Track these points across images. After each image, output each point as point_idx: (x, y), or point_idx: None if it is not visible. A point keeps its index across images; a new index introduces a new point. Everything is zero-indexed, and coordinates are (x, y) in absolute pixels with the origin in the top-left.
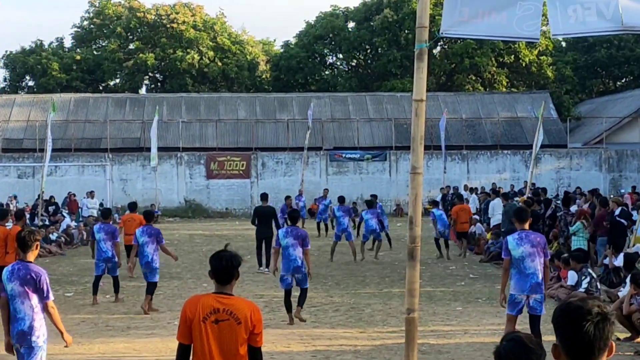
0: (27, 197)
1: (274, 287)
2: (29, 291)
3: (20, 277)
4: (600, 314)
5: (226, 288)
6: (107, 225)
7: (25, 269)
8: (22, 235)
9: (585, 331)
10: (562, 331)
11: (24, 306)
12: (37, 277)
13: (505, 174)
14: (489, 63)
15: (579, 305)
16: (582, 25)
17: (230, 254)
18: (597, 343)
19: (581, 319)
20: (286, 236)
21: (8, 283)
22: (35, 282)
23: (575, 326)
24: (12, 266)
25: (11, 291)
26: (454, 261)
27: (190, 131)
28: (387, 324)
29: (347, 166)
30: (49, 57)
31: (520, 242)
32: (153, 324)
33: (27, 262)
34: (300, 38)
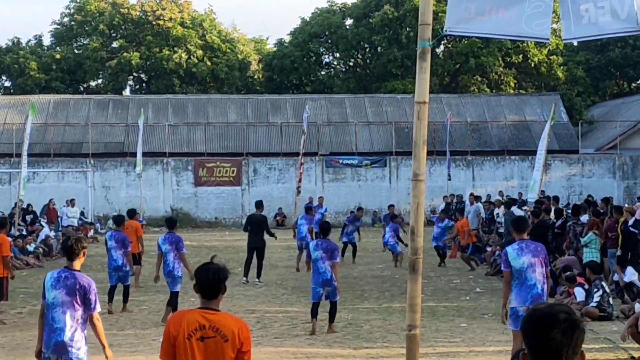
0: (3, 206)
1: (265, 301)
2: (74, 301)
3: (67, 286)
4: (568, 320)
5: (212, 303)
6: (118, 233)
7: (74, 278)
8: (69, 244)
9: (552, 338)
10: (529, 339)
11: (65, 316)
12: (87, 287)
13: (513, 181)
14: (495, 63)
15: (546, 312)
16: (595, 26)
17: (217, 267)
18: (564, 351)
19: (548, 326)
20: (316, 249)
21: (52, 290)
22: (84, 292)
23: (542, 333)
24: (58, 273)
25: (53, 299)
26: (458, 275)
27: (177, 135)
28: (387, 341)
29: (344, 173)
30: (26, 55)
31: (521, 253)
32: (137, 341)
33: (74, 271)
34: (295, 36)
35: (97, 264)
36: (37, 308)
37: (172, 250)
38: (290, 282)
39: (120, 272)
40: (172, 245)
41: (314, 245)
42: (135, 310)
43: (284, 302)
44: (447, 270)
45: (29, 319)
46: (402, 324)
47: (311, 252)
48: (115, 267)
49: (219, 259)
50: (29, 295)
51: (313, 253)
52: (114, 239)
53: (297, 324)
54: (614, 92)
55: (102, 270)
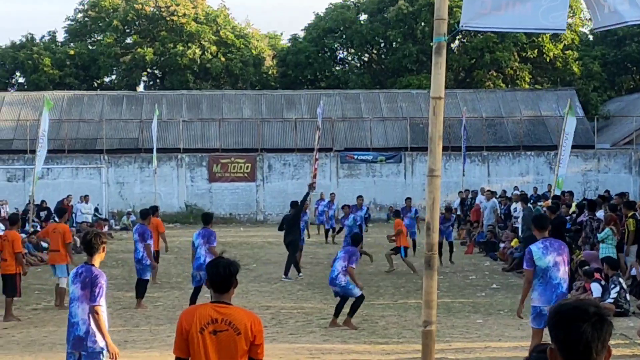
0: (17, 202)
1: (280, 298)
2: (87, 295)
3: (81, 280)
4: (597, 314)
5: (224, 297)
6: (141, 226)
7: (87, 272)
8: (88, 238)
9: (583, 332)
10: (558, 333)
11: (79, 310)
12: (94, 278)
13: (528, 177)
14: (510, 58)
15: (575, 306)
16: (616, 15)
17: (227, 261)
18: (594, 345)
19: (577, 319)
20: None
21: (71, 285)
22: (92, 284)
23: (572, 328)
24: (77, 269)
25: (72, 294)
26: (474, 270)
27: (191, 131)
28: (402, 338)
29: (359, 168)
30: (40, 52)
31: (546, 252)
32: (152, 337)
33: (90, 265)
34: (309, 31)
35: (112, 260)
36: (51, 304)
37: (204, 244)
38: (305, 278)
39: (140, 264)
40: (204, 239)
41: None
42: (150, 306)
43: (299, 299)
44: (463, 267)
45: (44, 316)
46: (417, 320)
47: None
48: (136, 259)
49: (234, 255)
50: (43, 291)
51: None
52: (137, 232)
53: (313, 320)
54: (630, 87)
55: (117, 267)
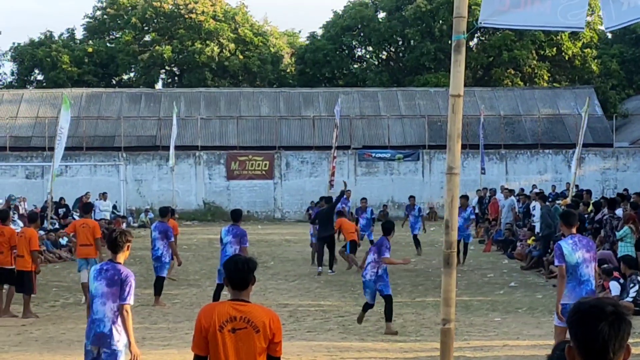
0: (36, 199)
1: (298, 295)
2: (113, 293)
3: (107, 278)
4: (615, 313)
5: (242, 294)
6: (162, 224)
7: (114, 270)
8: (113, 236)
9: (600, 331)
10: (576, 331)
11: (104, 307)
12: (124, 277)
13: (547, 175)
14: (529, 56)
15: (593, 304)
16: (636, 9)
17: (245, 258)
18: (612, 344)
19: (595, 318)
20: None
21: (94, 282)
22: (122, 282)
23: (590, 326)
24: (101, 266)
25: (95, 290)
26: (492, 268)
27: (209, 129)
28: (420, 336)
29: (377, 166)
30: (59, 49)
31: (576, 248)
32: (170, 335)
33: (116, 263)
34: (327, 29)
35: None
36: (70, 302)
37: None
38: (323, 275)
39: (159, 262)
40: (236, 238)
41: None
42: (168, 304)
43: (317, 296)
44: (481, 264)
45: (62, 313)
46: (435, 318)
47: None
48: (155, 257)
49: (252, 252)
50: (61, 288)
51: None
52: (157, 229)
53: (330, 318)
54: None
55: (135, 264)
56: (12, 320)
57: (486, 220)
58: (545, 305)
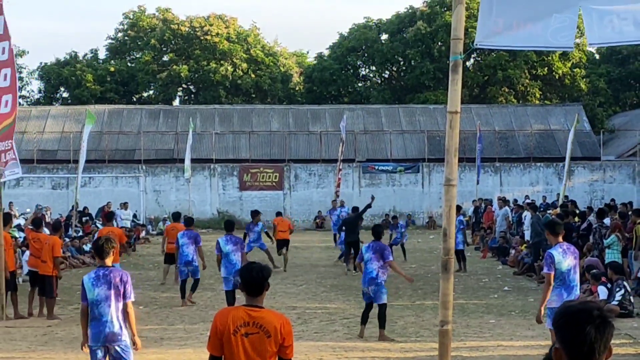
0: (61, 208)
1: (306, 298)
2: (116, 294)
3: (108, 282)
4: (601, 316)
5: (256, 300)
6: (190, 231)
7: (113, 273)
8: (100, 244)
9: (587, 333)
10: (564, 334)
11: (111, 309)
12: (126, 279)
13: (538, 187)
14: (522, 75)
15: (580, 308)
16: (619, 34)
17: (259, 266)
18: (598, 346)
19: (583, 321)
20: (367, 251)
21: (93, 289)
22: (124, 283)
23: (577, 329)
24: (96, 272)
25: (97, 296)
26: (487, 274)
27: (223, 143)
28: (420, 337)
29: (380, 178)
30: (83, 68)
31: (565, 255)
32: (186, 335)
33: (109, 267)
34: (334, 50)
35: (149, 262)
36: None
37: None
38: (329, 280)
39: (190, 266)
40: (236, 246)
41: (366, 248)
42: (184, 306)
43: (323, 299)
44: (477, 270)
45: None
46: (434, 320)
47: (363, 254)
48: (186, 261)
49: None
50: None
51: (365, 254)
52: (186, 236)
53: (336, 320)
54: (633, 103)
55: (153, 269)
56: (39, 321)
57: (482, 228)
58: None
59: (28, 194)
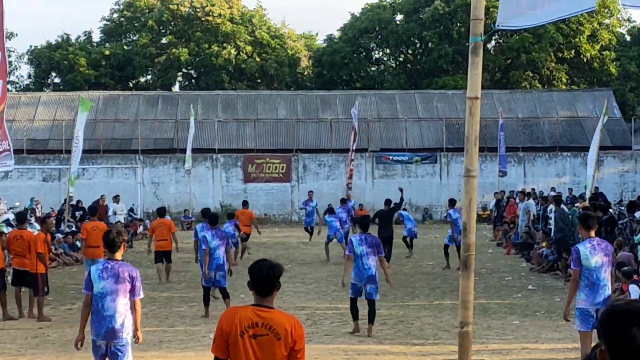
0: (53, 202)
1: (316, 298)
2: (122, 289)
3: (115, 275)
4: None
5: (266, 300)
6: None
7: (121, 267)
8: (111, 237)
9: (632, 336)
10: (608, 334)
11: (114, 304)
12: (135, 275)
13: (565, 178)
14: (547, 58)
15: (626, 309)
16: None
17: (270, 263)
18: None
19: (628, 323)
20: (361, 244)
21: (99, 281)
22: (132, 280)
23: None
24: (104, 265)
25: (102, 289)
26: (510, 271)
27: (226, 131)
28: (438, 339)
29: (394, 169)
30: (76, 52)
31: (593, 252)
32: (187, 338)
33: (118, 261)
34: (345, 32)
35: (146, 260)
36: None
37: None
38: (340, 278)
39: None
40: (222, 240)
41: (358, 241)
42: (184, 306)
43: (334, 299)
44: (499, 267)
45: (79, 315)
46: (453, 321)
47: (355, 247)
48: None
49: (270, 255)
50: (78, 291)
51: (357, 249)
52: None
53: (348, 321)
54: None
55: (152, 267)
56: (29, 322)
57: (504, 223)
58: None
59: (17, 186)
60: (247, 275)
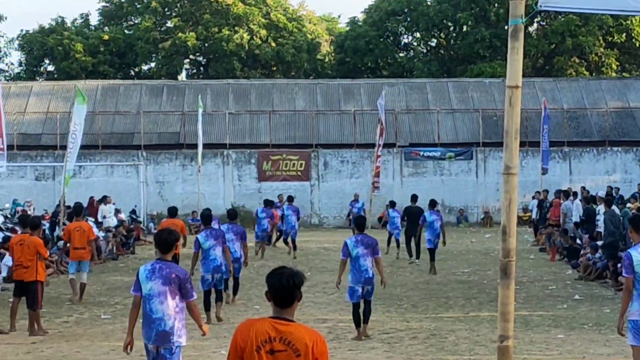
0: (47, 203)
1: (338, 309)
2: (170, 290)
3: (162, 276)
4: None
5: (286, 312)
6: (236, 226)
7: (169, 268)
8: (163, 237)
9: None
10: None
11: (163, 306)
12: (183, 276)
13: (615, 175)
14: (595, 43)
15: None
16: None
17: (291, 271)
18: None
19: None
20: (356, 246)
21: (147, 282)
22: (180, 281)
23: None
24: (152, 265)
25: (150, 290)
26: (554, 280)
27: (238, 125)
28: (474, 354)
29: (425, 166)
30: (71, 37)
31: None
32: (196, 353)
33: (168, 262)
34: (370, 14)
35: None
36: (84, 317)
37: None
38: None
39: (237, 263)
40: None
41: (353, 242)
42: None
43: None
44: (542, 275)
45: (76, 329)
46: (491, 335)
47: (350, 249)
48: (234, 258)
49: (287, 262)
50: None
51: (353, 250)
52: (232, 231)
53: (374, 335)
54: None
55: None
56: (21, 337)
57: (548, 225)
58: (614, 321)
59: (7, 185)
60: (262, 284)
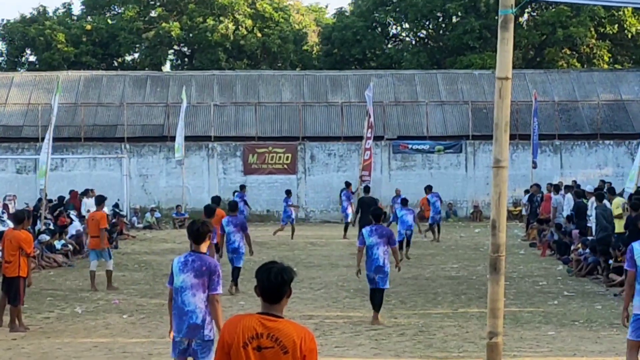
0: (28, 196)
1: (325, 305)
2: (202, 283)
3: (194, 269)
4: None
5: (274, 308)
6: (236, 217)
7: (201, 260)
8: (195, 228)
9: None
10: None
11: (195, 299)
12: (213, 267)
13: (607, 169)
14: (587, 34)
15: None
16: None
17: (280, 266)
18: None
19: None
20: (371, 235)
21: (180, 274)
22: (210, 273)
23: None
24: (185, 257)
25: (182, 283)
26: (545, 275)
27: (223, 117)
28: (463, 351)
29: (414, 159)
30: (53, 27)
31: None
32: None
33: (200, 254)
34: (358, 4)
35: (134, 262)
36: (66, 312)
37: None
38: (352, 283)
39: (236, 253)
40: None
41: (368, 232)
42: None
43: (346, 307)
44: (532, 271)
45: (57, 325)
46: (480, 332)
47: (365, 238)
48: (232, 248)
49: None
50: (57, 297)
51: (367, 239)
52: (232, 223)
53: (361, 331)
54: None
55: (140, 270)
56: (2, 333)
57: (538, 220)
58: (605, 318)
59: None
60: (248, 280)
